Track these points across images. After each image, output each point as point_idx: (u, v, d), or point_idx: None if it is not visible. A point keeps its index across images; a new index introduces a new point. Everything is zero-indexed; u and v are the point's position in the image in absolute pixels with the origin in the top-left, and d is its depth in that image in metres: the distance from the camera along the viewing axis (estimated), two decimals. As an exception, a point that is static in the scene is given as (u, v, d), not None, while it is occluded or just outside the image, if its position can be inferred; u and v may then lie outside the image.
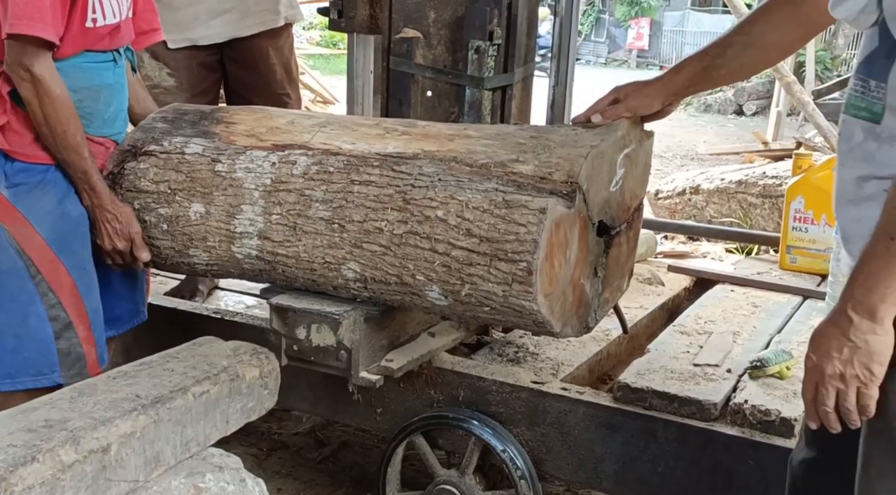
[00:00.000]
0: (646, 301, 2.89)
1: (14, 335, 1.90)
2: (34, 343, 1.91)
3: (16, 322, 1.90)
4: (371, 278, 1.85)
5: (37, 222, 1.91)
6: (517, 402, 2.12)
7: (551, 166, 1.73)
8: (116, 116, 2.09)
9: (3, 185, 1.89)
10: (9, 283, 1.89)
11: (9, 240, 1.88)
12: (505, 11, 2.36)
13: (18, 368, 1.90)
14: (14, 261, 1.88)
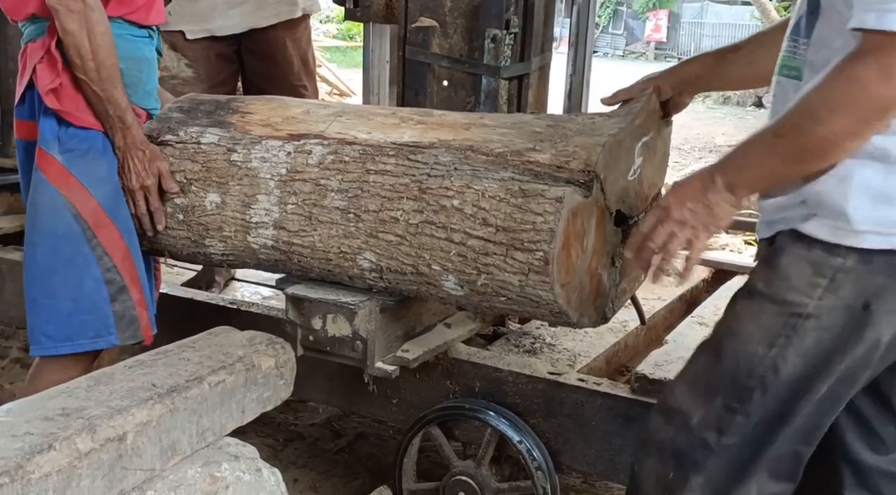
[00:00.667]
0: (663, 292, 2.87)
1: (71, 298, 1.93)
2: (91, 305, 1.94)
3: (72, 285, 1.93)
4: (387, 268, 1.84)
5: (91, 186, 1.93)
6: (534, 393, 2.10)
7: (568, 155, 1.72)
8: (153, 91, 2.11)
9: (56, 150, 1.92)
10: (65, 247, 1.92)
11: (65, 205, 1.91)
12: (521, 1, 2.34)
13: (76, 331, 1.94)
14: (70, 225, 1.91)
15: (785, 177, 1.34)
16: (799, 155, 1.28)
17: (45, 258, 1.93)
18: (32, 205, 1.96)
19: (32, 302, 1.97)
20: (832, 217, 1.29)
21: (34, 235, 1.96)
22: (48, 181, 1.92)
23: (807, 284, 1.32)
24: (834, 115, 1.22)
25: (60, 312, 1.94)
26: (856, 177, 1.27)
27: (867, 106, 1.19)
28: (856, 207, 1.27)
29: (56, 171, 1.91)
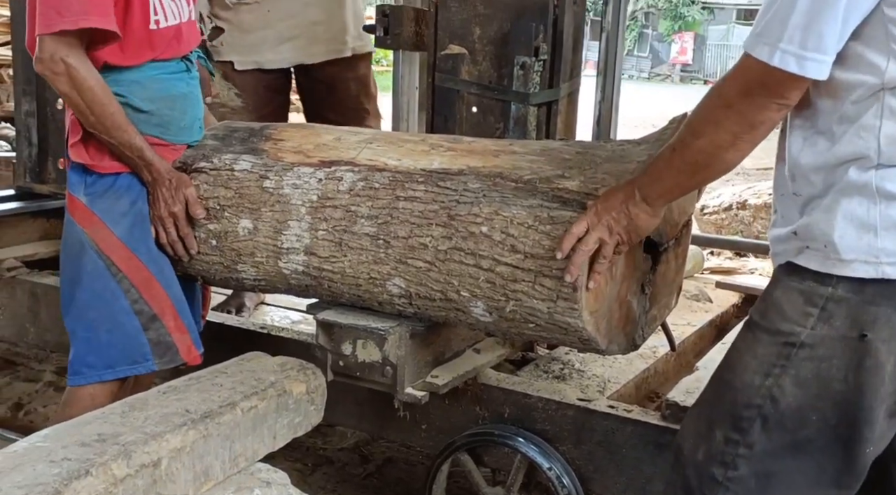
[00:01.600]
0: (693, 317, 2.85)
1: (107, 331, 2.02)
2: (125, 336, 2.02)
3: (106, 319, 2.01)
4: (416, 294, 1.85)
5: (112, 223, 2.01)
6: (563, 420, 2.10)
7: (597, 182, 1.72)
8: (192, 124, 2.14)
9: (82, 193, 2.01)
10: (95, 284, 2.00)
11: (89, 243, 2.00)
12: (550, 28, 2.36)
13: (116, 359, 2.02)
14: (96, 262, 2.00)
15: (686, 186, 1.48)
16: (689, 167, 1.40)
17: (80, 295, 2.02)
18: (64, 246, 2.07)
19: (73, 335, 2.06)
20: (821, 247, 1.31)
21: (67, 273, 2.06)
22: (75, 222, 2.02)
23: (799, 314, 1.34)
24: (709, 129, 1.33)
25: (100, 343, 2.02)
26: (840, 208, 1.29)
27: (735, 122, 1.30)
28: (841, 236, 1.29)
29: (81, 212, 2.01)
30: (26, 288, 2.76)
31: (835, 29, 1.21)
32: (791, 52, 1.22)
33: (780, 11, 1.23)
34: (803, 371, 1.34)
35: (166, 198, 2.03)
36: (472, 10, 2.43)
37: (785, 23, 1.22)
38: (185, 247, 2.07)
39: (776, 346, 1.36)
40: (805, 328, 1.33)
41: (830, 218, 1.30)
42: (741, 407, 1.39)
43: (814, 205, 1.33)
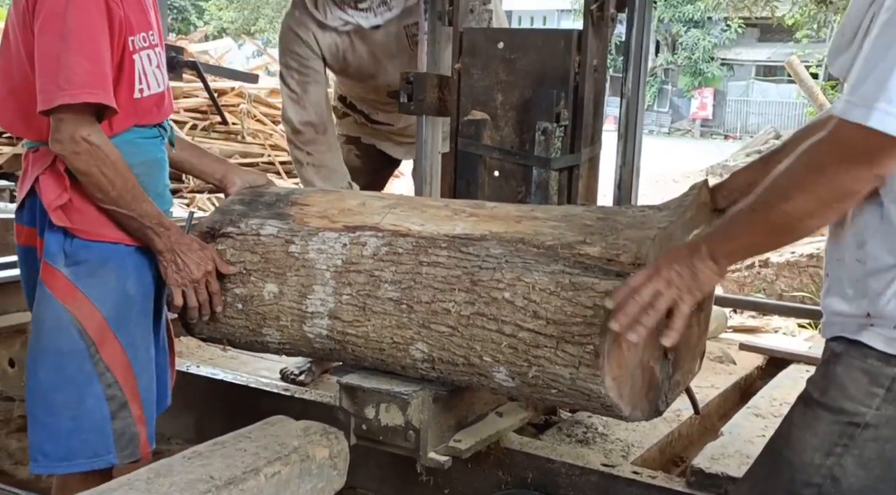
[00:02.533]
0: (717, 380, 2.83)
1: (71, 417, 1.87)
2: (91, 423, 1.89)
3: (73, 403, 1.87)
4: (438, 358, 1.86)
5: (98, 301, 1.89)
6: (587, 485, 2.08)
7: (618, 248, 1.74)
8: (164, 191, 2.08)
9: (62, 264, 1.87)
10: (68, 364, 1.87)
11: (71, 321, 1.86)
12: (571, 94, 2.40)
13: (75, 451, 1.88)
14: (76, 341, 1.87)
15: (760, 248, 1.48)
16: (769, 229, 1.37)
17: (48, 375, 1.88)
18: (37, 321, 1.90)
19: (32, 418, 1.91)
20: (889, 327, 1.30)
21: (37, 352, 1.90)
22: (54, 296, 1.86)
23: (864, 394, 1.32)
24: (797, 194, 1.29)
25: (60, 431, 1.88)
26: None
27: (827, 190, 1.26)
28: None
29: (62, 286, 1.87)
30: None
31: None
32: (892, 113, 1.17)
33: (877, 74, 1.19)
34: (867, 451, 1.32)
35: (196, 260, 1.98)
36: (494, 77, 2.48)
37: (882, 84, 1.18)
38: (213, 306, 2.04)
39: (839, 425, 1.34)
40: (871, 409, 1.31)
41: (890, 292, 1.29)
42: (800, 486, 1.37)
43: (880, 278, 1.31)
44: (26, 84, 1.82)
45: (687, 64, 28.59)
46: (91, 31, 1.78)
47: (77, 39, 1.76)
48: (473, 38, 2.51)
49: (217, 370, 2.70)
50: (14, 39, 1.87)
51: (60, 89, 1.75)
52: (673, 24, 28.09)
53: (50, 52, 1.76)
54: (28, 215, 1.94)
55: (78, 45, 1.76)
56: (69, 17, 1.76)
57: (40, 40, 1.77)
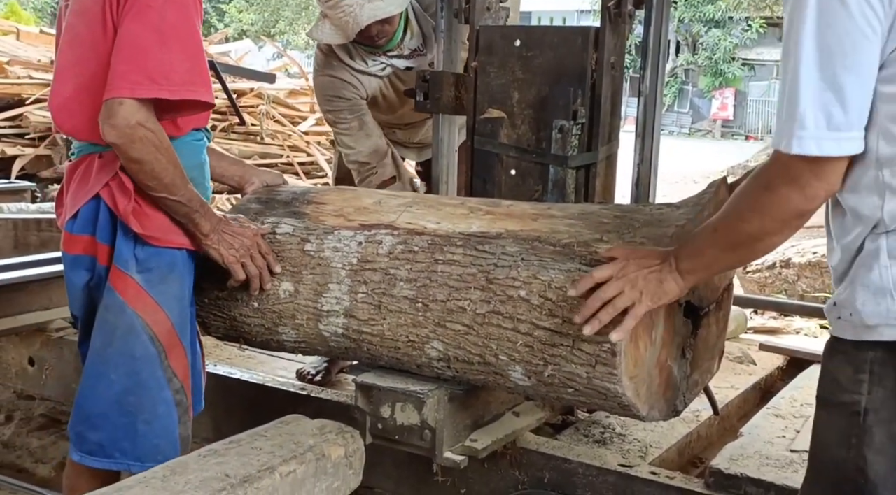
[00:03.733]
0: (737, 380, 2.80)
1: (145, 421, 1.89)
2: (163, 429, 1.91)
3: (147, 408, 1.89)
4: (454, 357, 1.85)
5: (167, 307, 1.91)
6: (604, 486, 2.06)
7: (635, 246, 1.72)
8: (210, 193, 2.09)
9: (134, 270, 1.87)
10: (142, 370, 1.88)
11: (143, 327, 1.87)
12: (588, 92, 2.39)
13: (147, 453, 1.89)
14: (147, 347, 1.88)
15: (724, 265, 1.57)
16: (731, 247, 1.45)
17: (121, 379, 1.88)
18: (108, 326, 1.89)
19: (103, 417, 1.91)
20: (850, 317, 1.34)
21: (110, 355, 1.89)
22: (126, 303, 1.86)
23: (853, 382, 1.35)
24: (754, 215, 1.37)
25: (136, 432, 1.89)
26: (860, 276, 1.32)
27: (781, 210, 1.34)
28: (863, 303, 1.31)
29: (133, 292, 1.87)
30: (73, 348, 2.80)
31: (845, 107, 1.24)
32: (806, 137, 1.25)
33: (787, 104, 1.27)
34: (876, 437, 1.33)
35: (239, 231, 1.99)
36: (510, 75, 2.47)
37: (793, 113, 1.26)
38: (272, 268, 2.03)
39: (845, 418, 1.36)
40: (863, 395, 1.34)
41: (853, 287, 1.33)
42: (842, 483, 1.38)
43: (844, 276, 1.37)
44: (91, 93, 1.79)
45: (708, 64, 28.39)
46: (188, 29, 1.80)
47: (175, 36, 1.76)
48: (490, 36, 2.50)
49: (234, 369, 2.71)
50: (84, 39, 1.83)
51: (155, 82, 1.74)
52: (693, 24, 27.91)
53: (140, 43, 1.74)
54: (83, 224, 1.91)
55: (177, 41, 1.76)
56: (167, 12, 1.75)
57: (129, 29, 1.75)
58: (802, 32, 1.25)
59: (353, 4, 2.60)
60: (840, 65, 1.23)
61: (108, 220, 1.89)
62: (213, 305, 2.16)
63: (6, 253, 3.62)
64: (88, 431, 1.92)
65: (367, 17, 2.61)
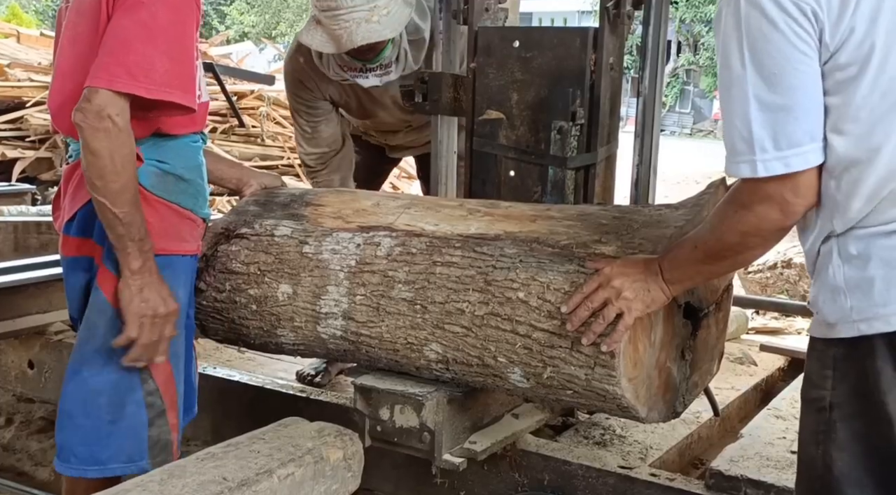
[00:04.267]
0: (737, 381, 2.80)
1: (110, 422, 1.85)
2: (128, 429, 1.87)
3: (115, 407, 1.85)
4: (453, 359, 1.85)
5: None
6: (604, 488, 2.06)
7: (634, 247, 1.72)
8: (208, 197, 2.05)
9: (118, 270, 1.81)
10: (116, 369, 1.85)
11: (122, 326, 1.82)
12: (587, 93, 2.38)
13: (110, 455, 1.86)
14: (124, 348, 1.82)
15: (706, 277, 1.61)
16: (712, 260, 1.49)
17: (94, 377, 1.85)
18: (89, 323, 1.86)
19: (68, 417, 1.87)
20: (817, 316, 1.40)
21: (86, 353, 1.86)
22: (109, 302, 1.83)
23: (820, 378, 1.39)
24: (734, 235, 1.41)
25: (98, 434, 1.85)
26: (819, 277, 1.38)
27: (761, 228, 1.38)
28: (824, 302, 1.37)
29: (116, 292, 1.81)
30: (73, 350, 2.81)
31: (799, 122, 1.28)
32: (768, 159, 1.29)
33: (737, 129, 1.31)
34: (840, 433, 1.37)
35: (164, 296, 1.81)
36: (509, 76, 2.46)
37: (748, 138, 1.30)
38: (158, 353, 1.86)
39: (814, 414, 1.41)
40: (827, 390, 1.38)
41: (816, 287, 1.40)
42: (814, 480, 1.43)
43: (813, 277, 1.42)
44: None
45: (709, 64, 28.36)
46: (178, 31, 1.77)
47: (163, 36, 1.74)
48: (488, 37, 2.50)
49: (233, 371, 2.70)
50: (84, 38, 1.81)
51: (133, 78, 1.70)
52: (695, 24, 27.90)
53: (126, 36, 1.72)
54: (81, 226, 1.88)
55: (164, 41, 1.74)
56: (158, 11, 1.73)
57: (119, 23, 1.73)
58: (740, 60, 1.29)
59: (350, 21, 2.55)
60: (785, 85, 1.27)
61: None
62: (212, 308, 2.16)
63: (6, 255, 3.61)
64: (58, 434, 1.89)
65: (362, 37, 2.56)
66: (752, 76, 1.28)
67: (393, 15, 2.54)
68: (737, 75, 1.30)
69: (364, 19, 2.53)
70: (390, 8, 2.54)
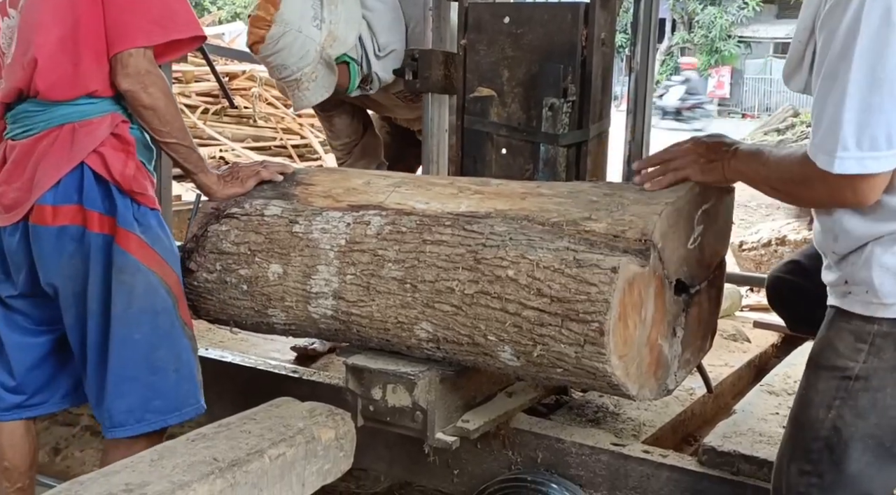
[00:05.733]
0: (731, 358, 2.80)
1: (175, 370, 1.98)
2: (189, 374, 2.02)
3: (174, 357, 1.98)
4: (443, 338, 1.84)
5: (170, 261, 2.00)
6: (597, 465, 2.06)
7: (624, 224, 1.70)
8: None
9: (137, 230, 1.93)
10: (163, 322, 1.97)
11: (159, 282, 1.96)
12: (579, 69, 2.36)
13: (182, 401, 2.00)
14: (165, 300, 1.97)
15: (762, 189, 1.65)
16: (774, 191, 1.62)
17: (147, 336, 1.94)
18: (125, 287, 1.91)
19: (132, 381, 1.94)
20: (864, 294, 1.46)
21: (132, 315, 1.92)
22: (139, 261, 1.92)
23: (851, 350, 1.47)
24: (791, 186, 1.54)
25: (167, 385, 1.97)
26: (876, 259, 1.44)
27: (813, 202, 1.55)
28: (881, 284, 1.43)
29: (143, 251, 1.93)
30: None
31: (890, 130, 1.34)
32: (847, 158, 1.35)
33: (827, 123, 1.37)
34: (861, 402, 1.46)
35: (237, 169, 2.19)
36: (500, 53, 2.44)
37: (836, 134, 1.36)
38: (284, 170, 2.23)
39: (835, 381, 1.49)
40: (858, 362, 1.47)
41: (869, 271, 1.44)
42: (810, 440, 1.52)
43: (854, 258, 1.48)
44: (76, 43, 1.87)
45: (703, 42, 28.24)
46: None
47: None
48: (479, 14, 2.47)
49: (225, 352, 2.70)
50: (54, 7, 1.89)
51: (164, 27, 1.90)
52: (689, 2, 27.74)
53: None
54: (66, 193, 1.90)
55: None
56: None
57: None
58: (855, 57, 1.33)
59: (288, 89, 2.72)
60: (889, 92, 1.32)
61: (95, 187, 1.91)
62: (203, 289, 2.14)
63: None
64: (115, 403, 1.95)
65: (297, 105, 2.73)
66: (858, 73, 1.32)
67: (321, 78, 2.68)
68: (846, 68, 1.33)
69: (296, 87, 2.68)
70: (317, 72, 2.66)
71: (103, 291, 1.93)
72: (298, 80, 2.66)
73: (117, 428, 1.96)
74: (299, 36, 2.59)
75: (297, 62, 2.62)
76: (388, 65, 2.77)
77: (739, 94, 28.33)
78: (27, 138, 1.94)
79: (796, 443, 1.55)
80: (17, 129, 1.97)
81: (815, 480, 1.51)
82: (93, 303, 1.94)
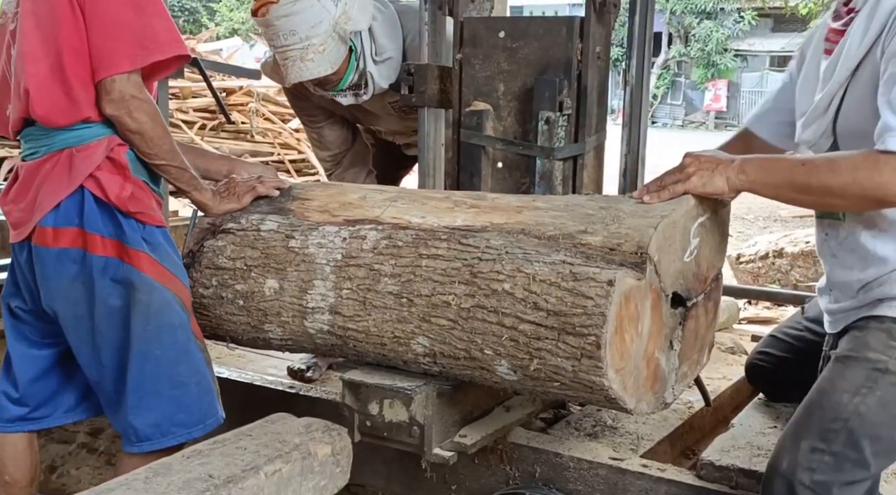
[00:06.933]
0: (729, 371, 2.79)
1: (196, 383, 2.01)
2: (208, 386, 2.04)
3: (194, 370, 2.01)
4: (440, 353, 1.83)
5: (181, 276, 2.03)
6: (596, 479, 2.05)
7: (620, 237, 1.70)
8: None
9: (146, 248, 1.95)
10: (181, 337, 1.99)
11: (173, 298, 1.98)
12: (575, 82, 2.37)
13: (205, 413, 2.02)
14: (181, 315, 1.99)
15: (781, 194, 1.72)
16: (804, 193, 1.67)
17: (167, 352, 1.96)
18: (141, 305, 1.93)
19: (155, 396, 1.95)
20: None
21: (151, 332, 1.94)
22: (152, 279, 1.94)
23: (884, 346, 1.64)
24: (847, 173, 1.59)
25: (190, 398, 1.99)
26: None
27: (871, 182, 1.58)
28: None
29: (154, 269, 1.95)
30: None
31: None
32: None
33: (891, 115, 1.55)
34: (888, 394, 1.60)
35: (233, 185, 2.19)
36: (495, 67, 2.45)
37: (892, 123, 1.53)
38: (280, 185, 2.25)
39: (866, 371, 1.63)
40: (891, 358, 1.63)
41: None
42: (829, 421, 1.62)
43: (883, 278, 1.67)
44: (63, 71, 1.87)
45: (700, 56, 28.38)
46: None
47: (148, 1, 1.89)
48: (474, 28, 2.48)
49: (222, 368, 2.69)
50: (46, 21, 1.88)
51: (145, 49, 1.88)
52: (685, 15, 27.88)
53: (120, 17, 1.86)
54: (67, 216, 1.92)
55: (151, 6, 1.90)
56: None
57: (102, 9, 1.86)
58: None
59: (287, 58, 2.61)
60: None
61: (95, 210, 1.93)
62: (199, 304, 2.14)
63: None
64: (139, 418, 1.97)
65: (296, 75, 2.63)
66: None
67: (329, 52, 2.60)
68: None
69: (299, 57, 2.59)
70: (326, 45, 2.59)
71: (112, 312, 1.93)
72: (304, 50, 2.58)
73: (144, 443, 1.98)
74: (316, 4, 2.54)
75: (308, 31, 2.55)
76: (384, 71, 2.76)
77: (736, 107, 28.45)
78: (33, 160, 1.98)
79: (811, 424, 1.63)
80: (27, 150, 2.01)
81: (828, 458, 1.59)
82: (102, 324, 1.94)
